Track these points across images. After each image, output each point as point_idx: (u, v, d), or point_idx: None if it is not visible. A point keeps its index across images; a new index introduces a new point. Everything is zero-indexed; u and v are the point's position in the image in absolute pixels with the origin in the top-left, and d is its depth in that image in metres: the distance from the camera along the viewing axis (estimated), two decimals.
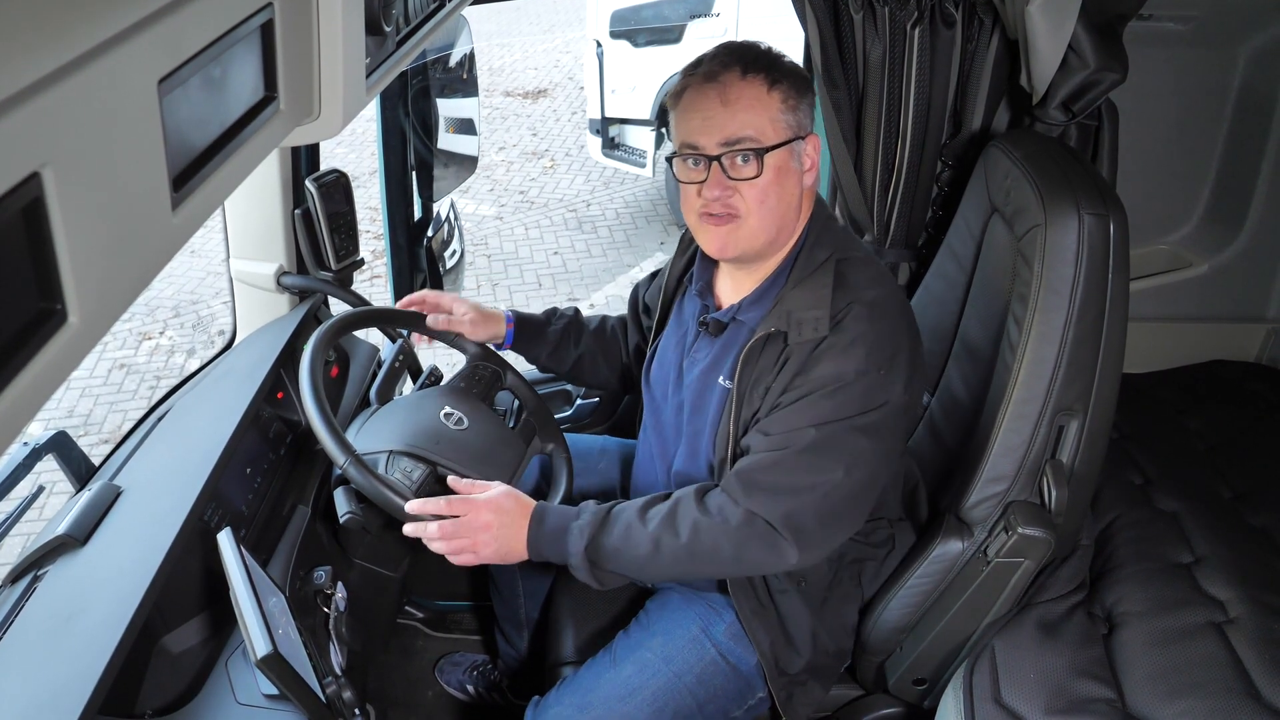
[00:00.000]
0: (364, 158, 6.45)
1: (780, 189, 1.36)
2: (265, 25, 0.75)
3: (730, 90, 1.33)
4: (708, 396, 1.49)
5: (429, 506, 1.37)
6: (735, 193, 1.35)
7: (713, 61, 1.36)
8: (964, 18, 1.86)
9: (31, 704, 1.11)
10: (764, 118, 1.33)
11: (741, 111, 1.33)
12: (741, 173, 1.34)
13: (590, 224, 5.74)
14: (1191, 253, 2.48)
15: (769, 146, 1.33)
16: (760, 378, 1.39)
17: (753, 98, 1.33)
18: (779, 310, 1.38)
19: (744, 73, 1.33)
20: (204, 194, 0.67)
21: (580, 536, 1.36)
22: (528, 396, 1.85)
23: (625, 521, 1.37)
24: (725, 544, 1.33)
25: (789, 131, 1.35)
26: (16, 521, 1.42)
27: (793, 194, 1.38)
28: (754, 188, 1.34)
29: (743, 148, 1.33)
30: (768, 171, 1.34)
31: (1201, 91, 2.29)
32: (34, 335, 0.50)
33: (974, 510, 1.52)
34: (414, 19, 1.14)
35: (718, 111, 1.33)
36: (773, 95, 1.34)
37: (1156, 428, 2.14)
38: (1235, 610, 1.58)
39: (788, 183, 1.36)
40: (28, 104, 0.46)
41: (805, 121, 1.38)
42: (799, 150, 1.37)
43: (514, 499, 1.39)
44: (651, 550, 1.34)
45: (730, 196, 1.35)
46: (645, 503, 1.39)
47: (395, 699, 2.19)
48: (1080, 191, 1.46)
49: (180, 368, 4.43)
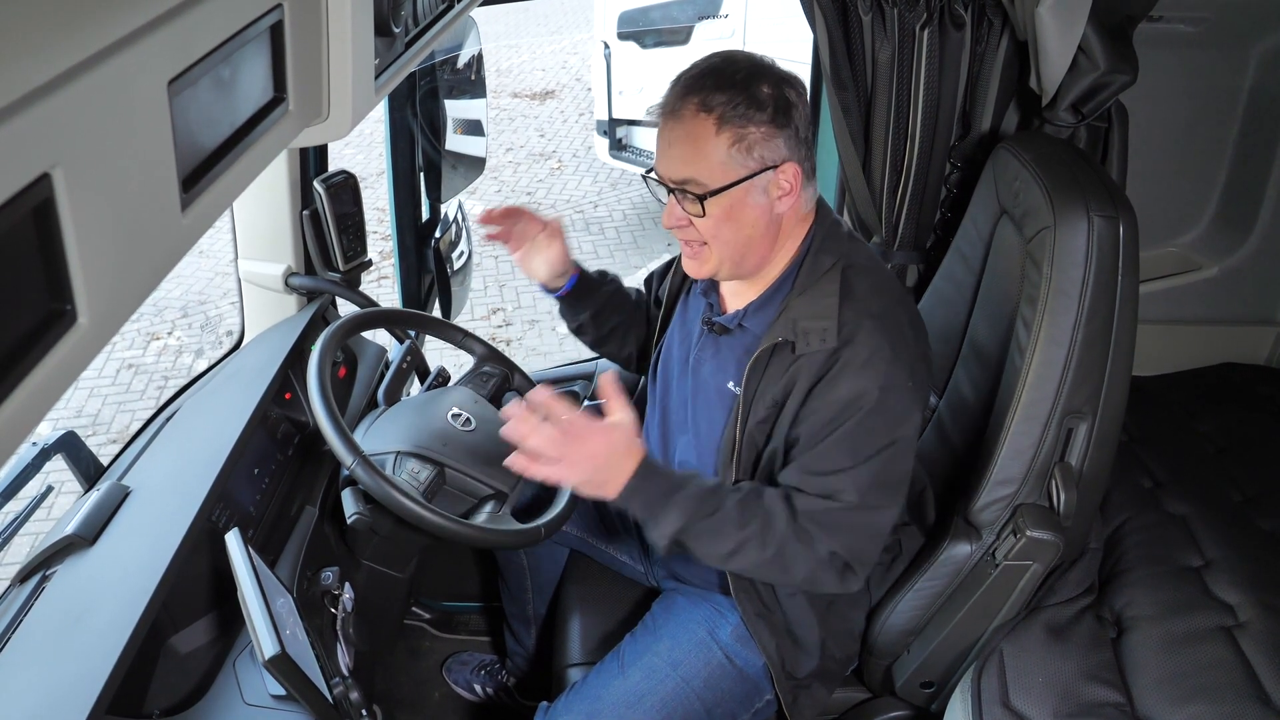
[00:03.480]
0: (372, 159, 6.46)
1: (734, 224, 1.35)
2: (275, 26, 0.75)
3: (679, 128, 1.31)
4: (716, 397, 1.49)
5: (554, 408, 1.27)
6: (690, 224, 1.37)
7: (674, 91, 1.33)
8: (973, 19, 1.85)
9: (40, 703, 1.11)
10: (709, 162, 1.30)
11: (686, 154, 1.31)
12: (690, 209, 1.35)
13: (597, 225, 5.74)
14: (1201, 255, 2.46)
15: (711, 191, 1.31)
16: (767, 388, 1.39)
17: (698, 140, 1.30)
18: (785, 319, 1.37)
19: (700, 108, 1.29)
20: (213, 194, 0.67)
21: (679, 514, 1.32)
22: None
23: (723, 514, 1.34)
24: (803, 569, 1.36)
25: (741, 171, 1.31)
26: (25, 521, 1.43)
27: (754, 225, 1.36)
28: (706, 222, 1.35)
29: (688, 189, 1.33)
30: (713, 210, 1.33)
31: (1212, 93, 2.28)
32: (44, 336, 0.50)
33: (982, 513, 1.52)
34: (423, 20, 1.14)
35: (666, 150, 1.34)
36: (720, 139, 1.29)
37: (1166, 431, 2.13)
38: (1245, 614, 1.58)
39: (744, 216, 1.34)
40: (38, 105, 0.46)
41: (772, 154, 1.31)
42: (763, 184, 1.33)
43: (629, 439, 1.31)
44: (733, 549, 1.34)
45: (687, 226, 1.37)
46: (742, 500, 1.35)
47: (402, 700, 2.19)
48: (1090, 193, 1.45)
49: (188, 368, 4.44)
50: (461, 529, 1.50)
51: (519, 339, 4.65)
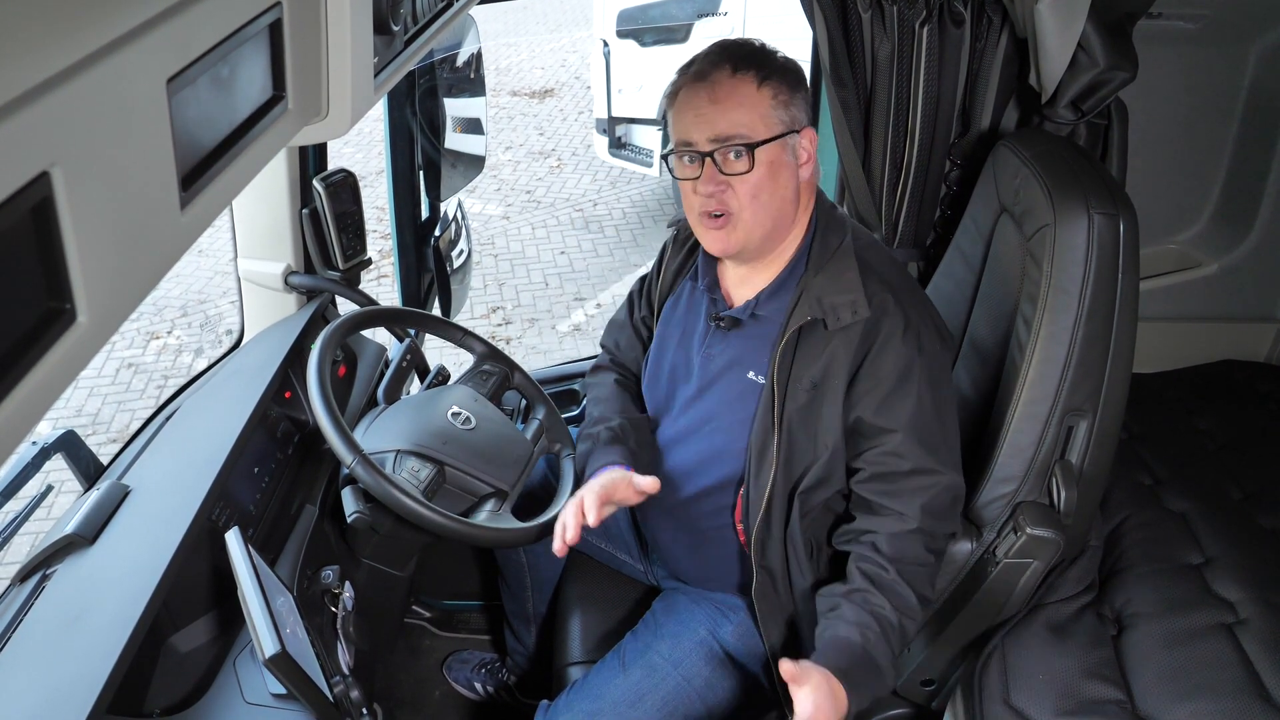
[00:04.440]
0: (371, 157, 6.46)
1: (774, 183, 1.37)
2: (274, 24, 0.75)
3: (720, 88, 1.35)
4: (736, 390, 1.48)
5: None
6: (728, 188, 1.36)
7: (704, 61, 1.38)
8: (973, 16, 1.85)
9: (40, 702, 1.11)
10: (754, 114, 1.35)
11: (732, 109, 1.34)
12: (734, 168, 1.35)
13: (597, 223, 5.74)
14: (1201, 252, 2.46)
15: (759, 141, 1.34)
16: (802, 371, 1.40)
17: (742, 95, 1.35)
18: (808, 299, 1.39)
19: (734, 70, 1.35)
20: (212, 193, 0.67)
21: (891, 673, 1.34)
22: (535, 396, 1.85)
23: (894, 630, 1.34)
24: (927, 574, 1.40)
25: (781, 126, 1.36)
26: (25, 520, 1.43)
27: (787, 187, 1.39)
28: (746, 183, 1.35)
29: (733, 144, 1.34)
30: (759, 166, 1.35)
31: (1212, 90, 2.28)
32: (43, 335, 0.50)
33: (983, 510, 1.52)
34: (422, 18, 1.14)
35: (708, 109, 1.35)
36: (762, 92, 1.35)
37: (1166, 428, 2.13)
38: (1245, 611, 1.58)
39: (781, 176, 1.38)
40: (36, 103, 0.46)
41: (799, 116, 1.39)
42: (793, 144, 1.38)
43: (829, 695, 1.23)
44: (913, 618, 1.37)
45: (724, 193, 1.37)
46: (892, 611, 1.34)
47: (403, 698, 2.19)
48: (1090, 191, 1.45)
49: (188, 367, 4.44)
50: (461, 527, 1.50)
51: (519, 337, 4.64)
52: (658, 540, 1.68)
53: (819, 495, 1.44)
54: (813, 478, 1.42)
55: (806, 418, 1.41)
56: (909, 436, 1.37)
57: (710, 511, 1.55)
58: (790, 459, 1.43)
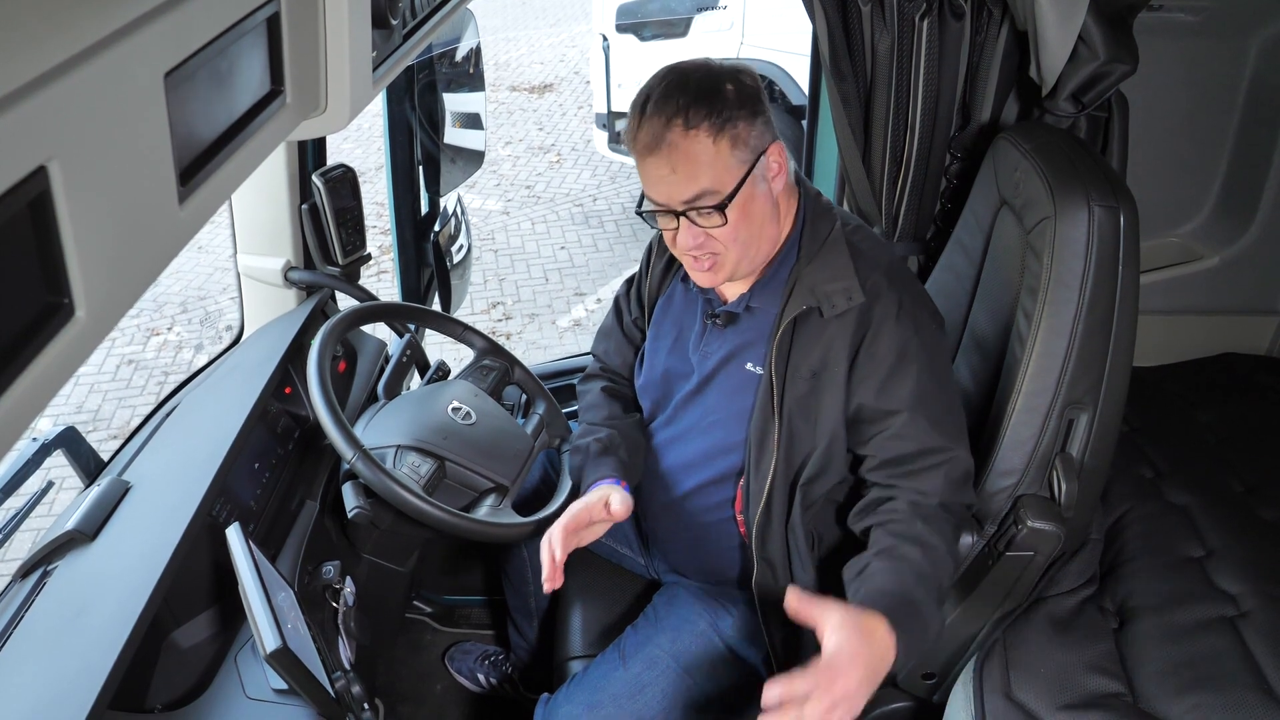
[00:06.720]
0: (370, 153, 6.45)
1: (749, 220, 1.36)
2: (271, 18, 0.75)
3: (676, 154, 1.30)
4: (735, 382, 1.48)
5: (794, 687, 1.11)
6: (708, 237, 1.36)
7: (654, 119, 1.30)
8: (973, 9, 1.85)
9: (42, 699, 1.11)
10: (716, 170, 1.30)
11: (693, 172, 1.30)
12: (709, 222, 1.34)
13: (596, 218, 5.73)
14: (1202, 245, 2.46)
15: (728, 195, 1.31)
16: (800, 360, 1.40)
17: (698, 154, 1.29)
18: (802, 288, 1.39)
19: (686, 127, 1.28)
20: (211, 187, 0.67)
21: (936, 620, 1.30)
22: (535, 391, 1.85)
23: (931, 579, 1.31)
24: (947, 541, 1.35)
25: (744, 167, 1.32)
26: (26, 517, 1.43)
27: (764, 211, 1.38)
28: (724, 232, 1.35)
29: (703, 204, 1.32)
30: (733, 214, 1.33)
31: (1212, 83, 2.28)
32: (41, 329, 0.50)
33: (984, 504, 1.52)
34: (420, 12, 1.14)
35: (669, 177, 1.32)
36: (720, 145, 1.29)
37: (1167, 421, 2.13)
38: (1247, 604, 1.58)
39: (755, 209, 1.36)
40: (34, 97, 0.46)
41: (760, 141, 1.34)
42: (760, 171, 1.35)
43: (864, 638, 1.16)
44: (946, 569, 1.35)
45: (706, 241, 1.36)
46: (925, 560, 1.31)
47: (404, 693, 2.20)
48: (1090, 184, 1.45)
49: (188, 363, 4.44)
50: (462, 522, 1.50)
51: (519, 333, 4.64)
52: (658, 535, 1.69)
53: (820, 486, 1.45)
54: (813, 466, 1.42)
55: (807, 406, 1.41)
56: (914, 415, 1.36)
57: (711, 506, 1.55)
58: (791, 448, 1.43)
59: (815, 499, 1.46)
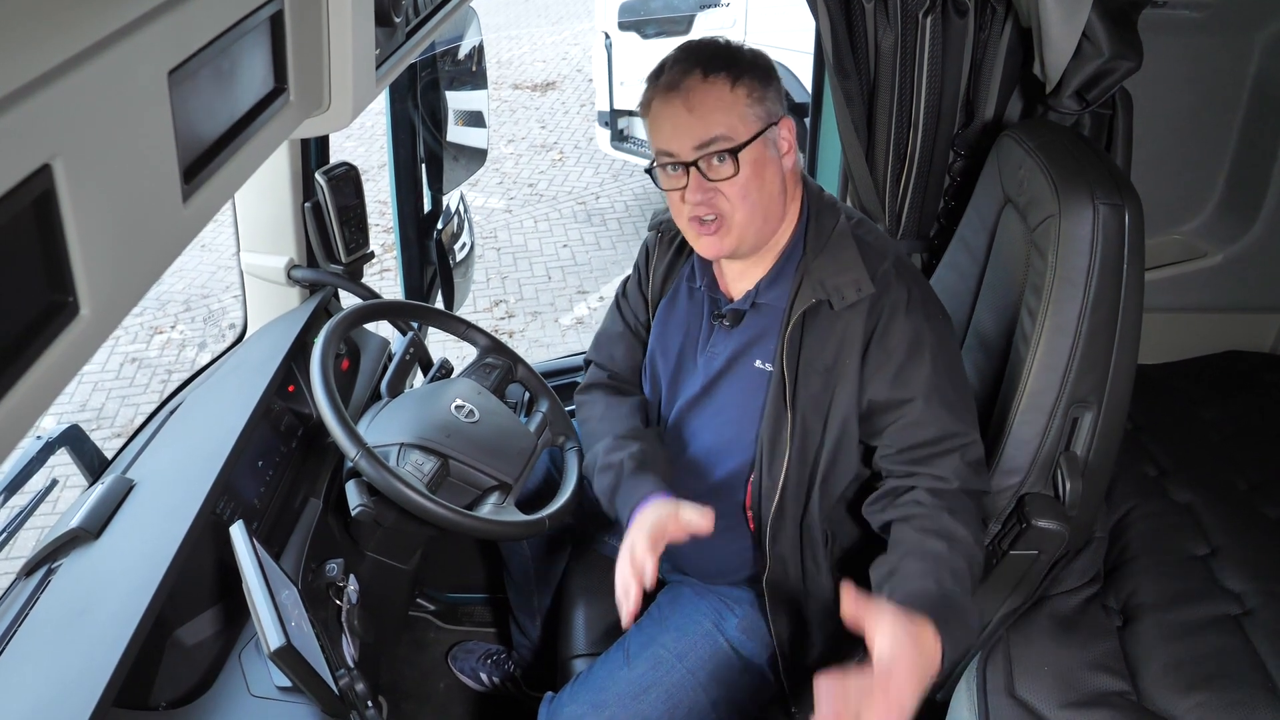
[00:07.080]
0: (373, 151, 6.45)
1: (760, 181, 1.36)
2: (275, 16, 0.74)
3: (694, 95, 1.33)
4: (745, 380, 1.48)
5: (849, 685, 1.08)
6: (717, 193, 1.35)
7: (673, 69, 1.36)
8: (976, 6, 1.84)
9: (47, 696, 1.12)
10: (732, 115, 1.33)
11: (709, 114, 1.32)
12: (719, 173, 1.34)
13: (599, 216, 5.73)
14: (1206, 242, 2.46)
15: (742, 143, 1.33)
16: (812, 356, 1.40)
17: (717, 98, 1.33)
18: (811, 282, 1.39)
19: (705, 75, 1.33)
20: (215, 185, 0.67)
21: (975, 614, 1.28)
22: (538, 388, 1.85)
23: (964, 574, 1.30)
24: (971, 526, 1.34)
25: (759, 123, 1.35)
26: (30, 515, 1.43)
27: (774, 182, 1.38)
28: (734, 185, 1.34)
29: (716, 149, 1.33)
30: (745, 167, 1.33)
31: (1217, 80, 2.27)
32: (46, 328, 0.50)
33: (988, 502, 1.51)
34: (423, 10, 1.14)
35: (686, 118, 1.33)
36: (737, 92, 1.33)
37: (1171, 419, 2.13)
38: (1251, 602, 1.57)
39: (767, 172, 1.37)
40: (38, 95, 0.46)
41: (774, 108, 1.37)
42: (773, 138, 1.37)
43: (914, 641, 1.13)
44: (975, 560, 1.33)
45: (714, 198, 1.36)
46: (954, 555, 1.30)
47: (407, 691, 2.20)
48: (1095, 181, 1.44)
49: (191, 361, 4.45)
50: (465, 520, 1.50)
51: (521, 331, 4.64)
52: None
53: (836, 484, 1.44)
54: (826, 459, 1.42)
55: (820, 401, 1.41)
56: (929, 402, 1.36)
57: (720, 504, 1.54)
58: (805, 444, 1.42)
59: (832, 499, 1.45)
